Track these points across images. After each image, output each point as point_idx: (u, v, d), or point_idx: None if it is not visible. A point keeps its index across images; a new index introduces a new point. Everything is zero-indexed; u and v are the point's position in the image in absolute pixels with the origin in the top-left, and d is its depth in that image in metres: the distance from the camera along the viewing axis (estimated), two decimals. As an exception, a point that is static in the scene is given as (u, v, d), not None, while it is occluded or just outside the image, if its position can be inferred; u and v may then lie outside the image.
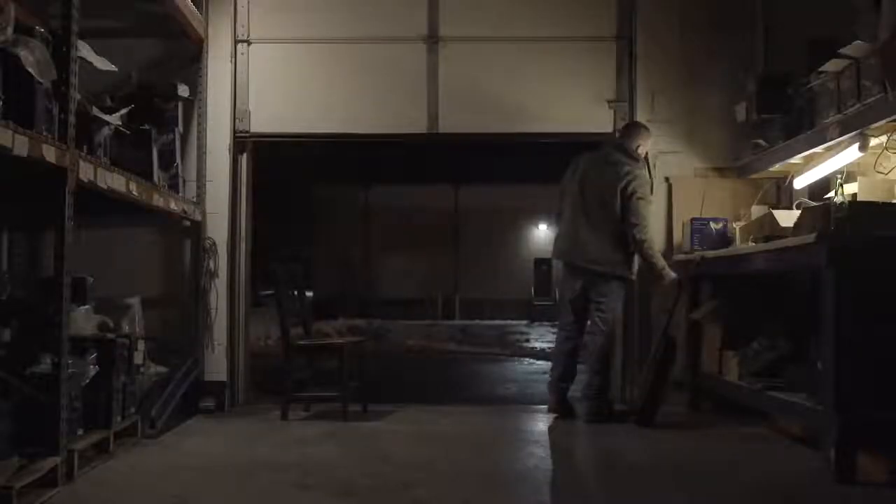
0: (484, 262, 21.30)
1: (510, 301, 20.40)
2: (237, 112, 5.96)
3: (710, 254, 5.24)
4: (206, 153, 5.83)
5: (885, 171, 4.39)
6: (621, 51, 5.99)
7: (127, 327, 5.13)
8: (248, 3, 6.01)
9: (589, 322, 5.43)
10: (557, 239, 5.66)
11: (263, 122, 6.01)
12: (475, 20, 6.01)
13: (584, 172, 5.42)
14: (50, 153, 3.49)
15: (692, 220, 5.64)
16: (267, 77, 6.02)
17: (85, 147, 4.03)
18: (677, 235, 5.84)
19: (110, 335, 4.53)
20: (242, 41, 5.98)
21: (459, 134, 6.14)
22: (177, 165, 5.43)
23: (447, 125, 5.99)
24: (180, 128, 5.55)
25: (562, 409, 5.45)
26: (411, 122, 6.00)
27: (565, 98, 5.95)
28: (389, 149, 14.43)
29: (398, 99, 6.00)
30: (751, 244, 4.90)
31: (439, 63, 5.99)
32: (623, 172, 5.23)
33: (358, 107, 6.00)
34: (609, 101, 5.95)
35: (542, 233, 21.55)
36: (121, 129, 4.62)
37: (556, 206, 5.72)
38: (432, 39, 6.01)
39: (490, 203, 21.14)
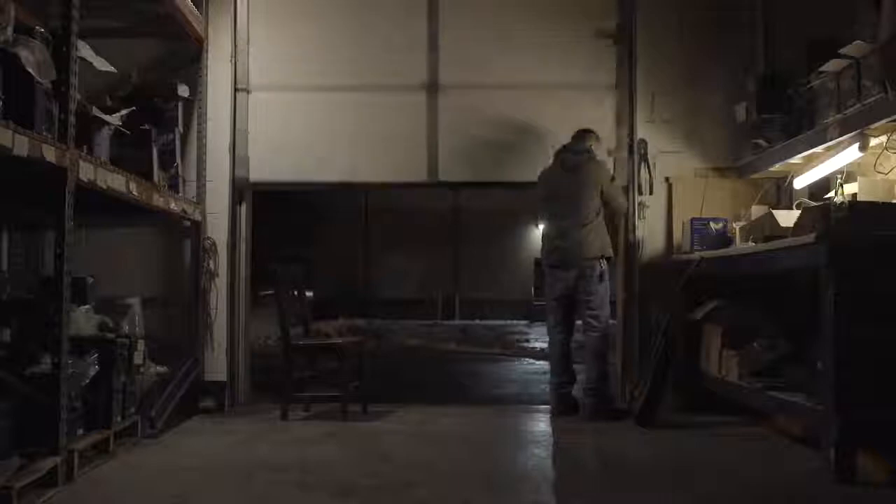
0: (484, 262, 21.26)
1: (510, 301, 20.35)
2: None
3: (710, 254, 5.23)
4: (206, 153, 5.83)
5: (885, 171, 4.40)
6: (621, 53, 5.98)
7: (127, 327, 5.13)
8: (248, 3, 6.01)
9: (581, 322, 5.51)
10: (544, 246, 5.68)
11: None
12: (475, 68, 5.96)
13: (554, 183, 5.56)
14: (50, 153, 3.49)
15: (692, 220, 5.65)
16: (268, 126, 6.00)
17: (85, 147, 4.03)
18: (677, 235, 5.84)
19: (110, 335, 4.54)
20: (242, 46, 5.99)
21: (460, 183, 6.12)
22: (177, 165, 5.43)
23: (447, 174, 5.99)
24: (180, 128, 5.55)
25: (564, 408, 5.50)
26: (411, 171, 5.99)
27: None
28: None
29: (399, 145, 5.97)
30: (751, 244, 4.90)
31: (439, 111, 5.97)
32: (590, 170, 5.46)
33: (358, 155, 5.97)
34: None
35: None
36: (121, 129, 4.62)
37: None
38: (432, 88, 5.98)
39: (490, 203, 21.10)
